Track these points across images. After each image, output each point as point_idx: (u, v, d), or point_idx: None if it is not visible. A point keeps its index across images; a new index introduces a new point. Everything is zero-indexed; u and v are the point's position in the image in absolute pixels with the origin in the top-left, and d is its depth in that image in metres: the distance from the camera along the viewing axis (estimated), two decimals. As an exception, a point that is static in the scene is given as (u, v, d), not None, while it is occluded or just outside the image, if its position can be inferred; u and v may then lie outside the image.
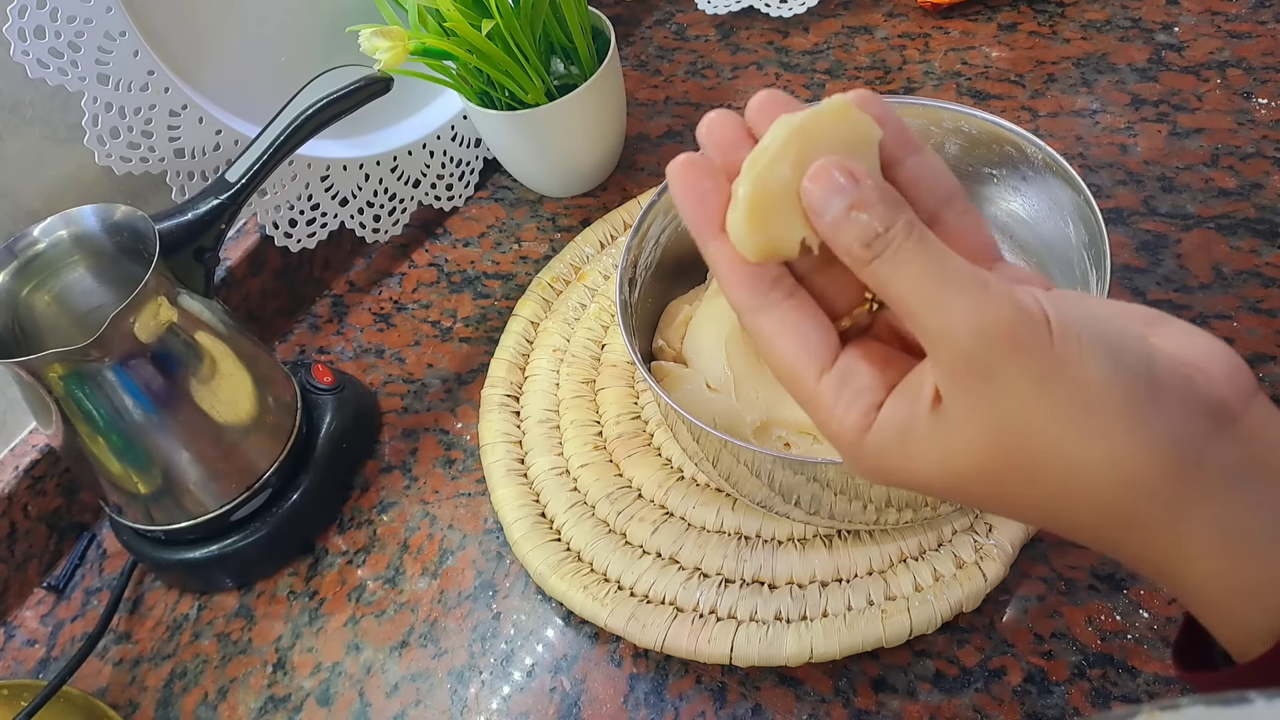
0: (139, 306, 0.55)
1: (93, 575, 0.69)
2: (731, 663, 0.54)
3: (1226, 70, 0.76)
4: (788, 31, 0.91)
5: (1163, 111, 0.75)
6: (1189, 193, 0.70)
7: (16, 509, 0.66)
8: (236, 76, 0.70)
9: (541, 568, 0.60)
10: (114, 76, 0.61)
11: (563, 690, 0.57)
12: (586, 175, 0.82)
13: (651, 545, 0.60)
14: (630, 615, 0.57)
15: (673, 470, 0.63)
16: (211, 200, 0.61)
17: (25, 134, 0.63)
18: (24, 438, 0.68)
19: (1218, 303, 0.64)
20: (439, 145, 0.82)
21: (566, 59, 0.78)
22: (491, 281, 0.79)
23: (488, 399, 0.69)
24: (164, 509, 0.62)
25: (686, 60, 0.92)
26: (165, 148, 0.65)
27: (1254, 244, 0.66)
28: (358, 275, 0.83)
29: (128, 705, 0.62)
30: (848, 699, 0.54)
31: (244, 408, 0.62)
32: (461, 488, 0.67)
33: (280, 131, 0.62)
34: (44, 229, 0.58)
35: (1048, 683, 0.52)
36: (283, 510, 0.65)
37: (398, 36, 0.66)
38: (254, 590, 0.66)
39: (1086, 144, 0.74)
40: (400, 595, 0.63)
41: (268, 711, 0.60)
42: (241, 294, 0.75)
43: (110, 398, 0.57)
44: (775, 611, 0.55)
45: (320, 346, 0.78)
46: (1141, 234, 0.68)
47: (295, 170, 0.73)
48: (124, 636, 0.65)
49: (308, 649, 0.62)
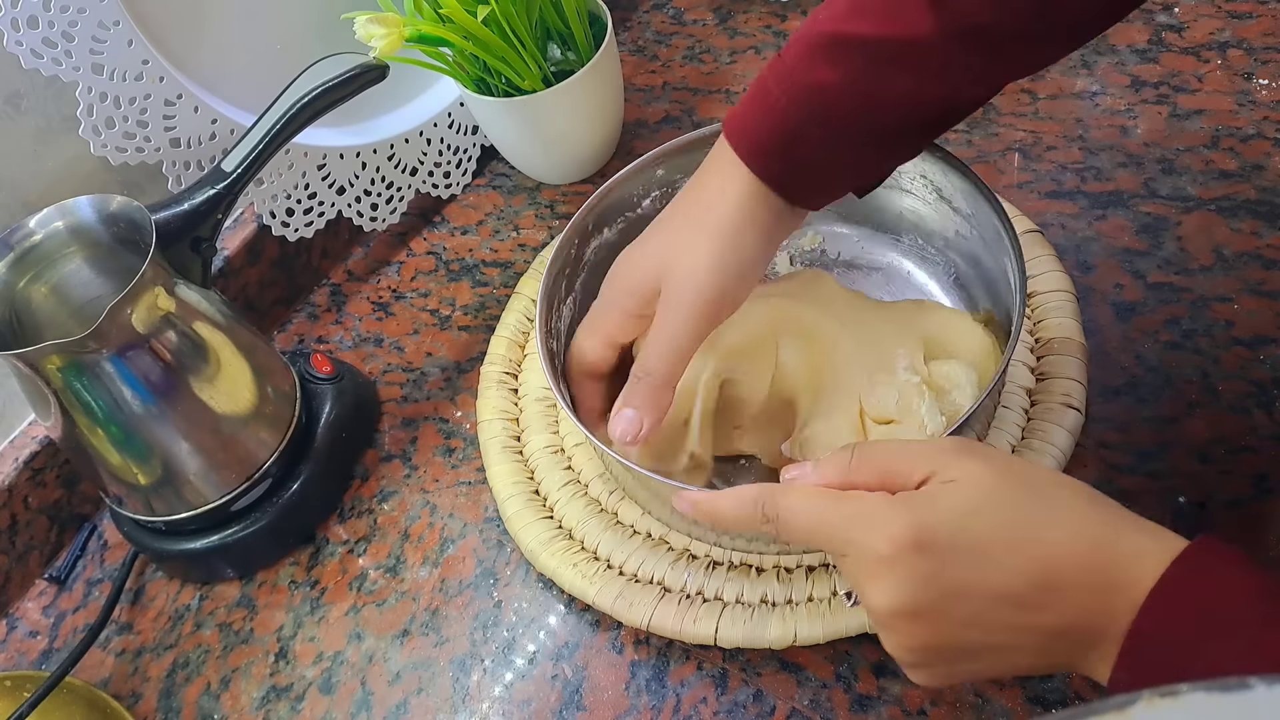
0: (136, 297, 0.55)
1: (94, 566, 0.69)
2: (716, 643, 0.55)
3: (1227, 51, 0.76)
4: (786, 15, 0.90)
5: (1163, 93, 0.75)
6: (1189, 175, 0.69)
7: (17, 501, 0.66)
8: (231, 65, 0.70)
9: (533, 545, 0.60)
10: (108, 66, 0.61)
11: (565, 678, 0.57)
12: (584, 162, 0.82)
13: (642, 526, 0.60)
14: (618, 594, 0.57)
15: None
16: (208, 190, 0.60)
17: (20, 125, 0.63)
18: (23, 430, 0.68)
19: (1218, 285, 0.64)
20: (436, 133, 0.81)
21: (563, 45, 0.77)
22: (490, 269, 0.79)
23: (486, 375, 0.69)
24: (164, 500, 0.62)
25: (684, 45, 0.91)
26: (161, 137, 0.65)
27: (1255, 226, 0.66)
28: (356, 264, 0.82)
29: (130, 696, 0.62)
30: (849, 684, 0.54)
31: (243, 398, 0.62)
32: (462, 476, 0.67)
33: (276, 120, 0.62)
34: (40, 220, 0.58)
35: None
36: (283, 500, 0.65)
37: (393, 23, 0.66)
38: (255, 580, 0.66)
39: (1086, 126, 0.74)
40: (401, 584, 0.63)
41: (270, 701, 0.60)
42: (239, 284, 0.75)
43: (109, 389, 0.57)
44: (761, 595, 0.55)
45: (319, 336, 0.78)
46: (1142, 216, 0.68)
47: (292, 159, 0.72)
48: (126, 627, 0.65)
49: (309, 638, 0.62)
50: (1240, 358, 0.60)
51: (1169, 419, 0.59)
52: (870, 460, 0.42)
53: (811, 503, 0.42)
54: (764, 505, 0.43)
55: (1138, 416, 0.60)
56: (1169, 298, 0.64)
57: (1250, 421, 0.58)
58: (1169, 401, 0.60)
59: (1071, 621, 0.37)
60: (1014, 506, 0.39)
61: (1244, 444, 0.57)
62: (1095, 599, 0.37)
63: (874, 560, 0.39)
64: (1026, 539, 0.38)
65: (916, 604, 0.38)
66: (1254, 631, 0.34)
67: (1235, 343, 0.61)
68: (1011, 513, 0.39)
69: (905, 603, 0.38)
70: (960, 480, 0.39)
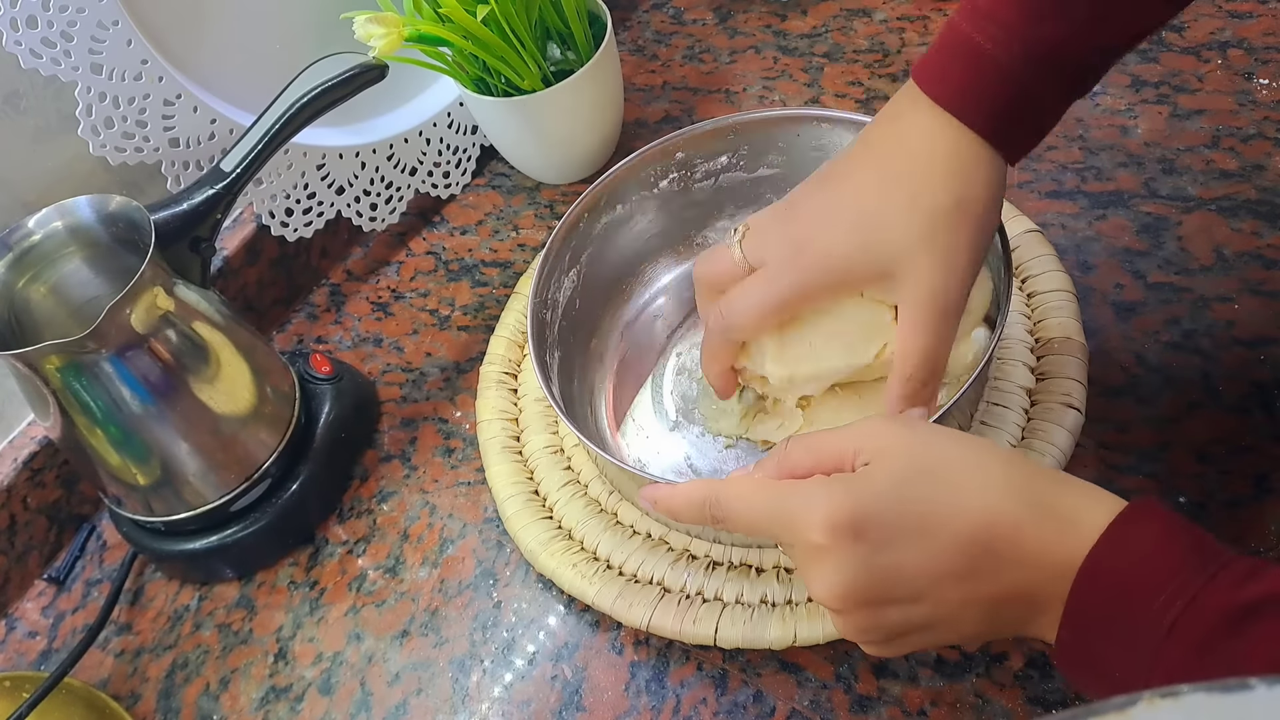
0: (135, 297, 0.55)
1: (93, 567, 0.69)
2: (716, 644, 0.54)
3: (1227, 51, 0.76)
4: (785, 15, 0.90)
5: (1163, 93, 0.75)
6: (1190, 174, 0.69)
7: (16, 501, 0.66)
8: (231, 65, 0.70)
9: (532, 545, 0.60)
10: (107, 66, 0.61)
11: (564, 678, 0.57)
12: (584, 161, 0.82)
13: (642, 526, 0.60)
14: (618, 594, 0.57)
15: (671, 457, 0.63)
16: (207, 190, 0.60)
17: (19, 125, 0.63)
18: (22, 430, 0.68)
19: (1219, 285, 0.64)
20: (435, 132, 0.81)
21: (563, 44, 0.77)
22: (489, 269, 0.79)
23: (486, 375, 0.69)
24: (163, 500, 0.62)
25: (684, 44, 0.91)
26: (160, 137, 0.65)
27: (1255, 226, 0.66)
28: (355, 264, 0.82)
29: (129, 696, 0.62)
30: (849, 684, 0.54)
31: (242, 398, 0.62)
32: (461, 476, 0.67)
33: (275, 120, 0.62)
34: (39, 220, 0.58)
35: (1049, 668, 0.52)
36: (282, 500, 0.65)
37: (392, 23, 0.66)
38: (254, 580, 0.66)
39: (1086, 126, 0.74)
40: (401, 584, 0.63)
41: (269, 701, 0.60)
42: (238, 284, 0.75)
43: (108, 389, 0.57)
44: (761, 595, 0.55)
45: (318, 336, 0.78)
46: (1142, 216, 0.68)
47: (291, 159, 0.72)
48: (125, 628, 0.65)
49: (309, 639, 0.62)
50: (1240, 358, 0.60)
51: (1169, 419, 0.59)
52: (803, 447, 0.43)
53: (751, 496, 0.43)
54: (710, 504, 0.44)
55: (1138, 416, 0.60)
56: (1169, 298, 0.64)
57: (1250, 421, 0.58)
58: (1169, 401, 0.60)
59: (1012, 590, 0.38)
60: (944, 477, 0.39)
61: (1244, 444, 0.57)
62: (1033, 566, 0.38)
63: (812, 549, 0.40)
64: (958, 509, 0.39)
65: (857, 587, 0.39)
66: (1192, 585, 0.35)
67: (1235, 343, 0.61)
68: (941, 485, 0.39)
69: (846, 587, 0.39)
70: (889, 455, 0.40)
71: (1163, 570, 0.35)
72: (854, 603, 0.40)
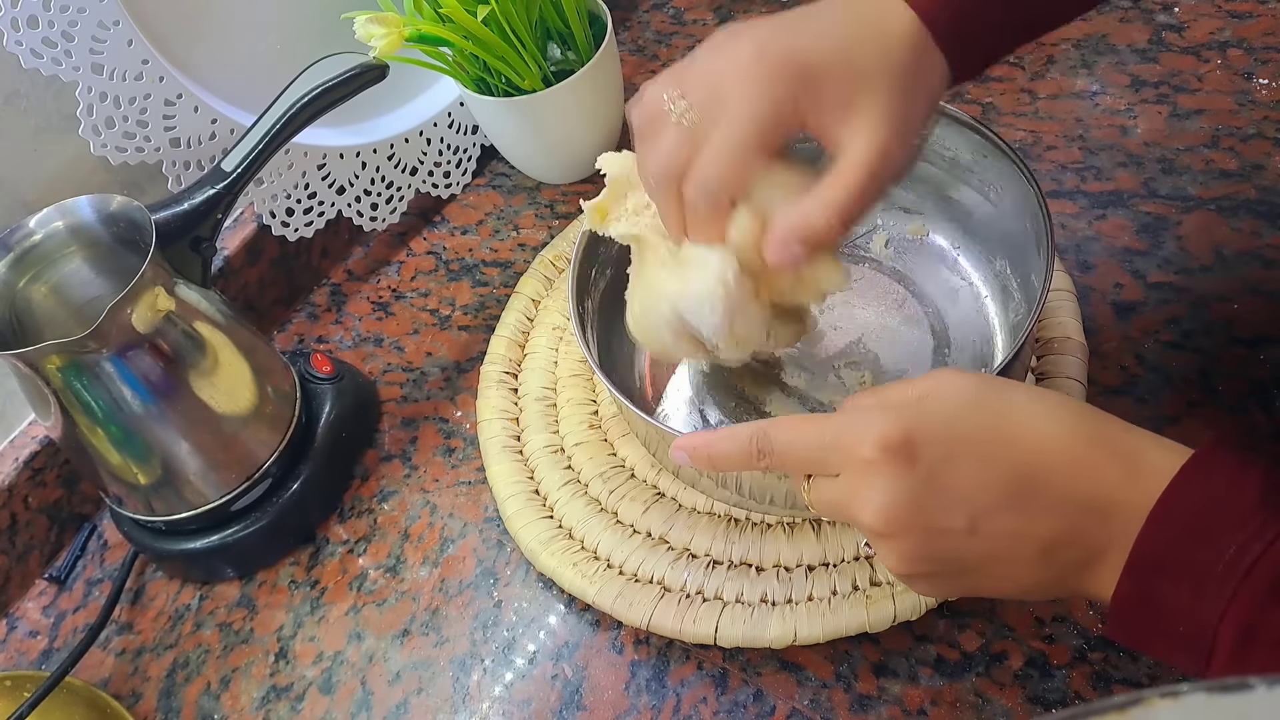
0: (136, 297, 0.55)
1: (94, 566, 0.69)
2: (716, 643, 0.55)
3: (1227, 50, 0.76)
4: (786, 15, 0.90)
5: (1163, 93, 0.75)
6: (1189, 174, 0.69)
7: (17, 501, 0.66)
8: (231, 65, 0.70)
9: (533, 544, 0.60)
10: (108, 66, 0.61)
11: (565, 678, 0.57)
12: (584, 161, 0.81)
13: (642, 525, 0.60)
14: (618, 593, 0.57)
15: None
16: (208, 190, 0.60)
17: (20, 125, 0.63)
18: (23, 429, 0.68)
19: (1219, 285, 0.64)
20: (436, 132, 0.81)
21: (563, 44, 0.77)
22: (490, 269, 0.79)
23: (486, 375, 0.69)
24: (164, 499, 0.62)
25: (684, 45, 0.91)
26: (161, 137, 0.65)
27: (1255, 226, 0.66)
28: (356, 264, 0.82)
29: (130, 695, 0.62)
30: (849, 684, 0.54)
31: (243, 398, 0.62)
32: (461, 476, 0.67)
33: (276, 120, 0.62)
34: (40, 220, 0.58)
35: (1049, 667, 0.52)
36: (283, 500, 0.65)
37: (393, 23, 0.66)
38: (255, 580, 0.66)
39: (1086, 126, 0.74)
40: (401, 584, 0.63)
41: (270, 701, 0.60)
42: (239, 284, 0.75)
43: (108, 389, 0.57)
44: (761, 594, 0.55)
45: (319, 336, 0.78)
46: (1142, 216, 0.68)
47: (292, 159, 0.72)
48: (126, 627, 0.65)
49: (309, 638, 0.62)
50: (1240, 358, 0.60)
51: (1169, 419, 0.59)
52: (868, 392, 0.43)
53: (803, 424, 0.42)
54: (757, 440, 0.43)
55: (1138, 416, 0.59)
56: (1169, 297, 0.64)
57: (1250, 421, 0.58)
58: (1169, 401, 0.60)
59: (1069, 532, 0.37)
60: (1003, 406, 0.39)
61: (1243, 443, 0.57)
62: (1094, 510, 0.36)
63: (864, 465, 0.38)
64: (1020, 439, 0.38)
65: (906, 508, 0.38)
66: (1272, 526, 0.34)
67: (1235, 342, 0.61)
68: (1004, 417, 0.38)
69: (895, 507, 0.38)
70: (955, 389, 0.39)
71: (1240, 511, 0.34)
72: (902, 525, 0.38)
